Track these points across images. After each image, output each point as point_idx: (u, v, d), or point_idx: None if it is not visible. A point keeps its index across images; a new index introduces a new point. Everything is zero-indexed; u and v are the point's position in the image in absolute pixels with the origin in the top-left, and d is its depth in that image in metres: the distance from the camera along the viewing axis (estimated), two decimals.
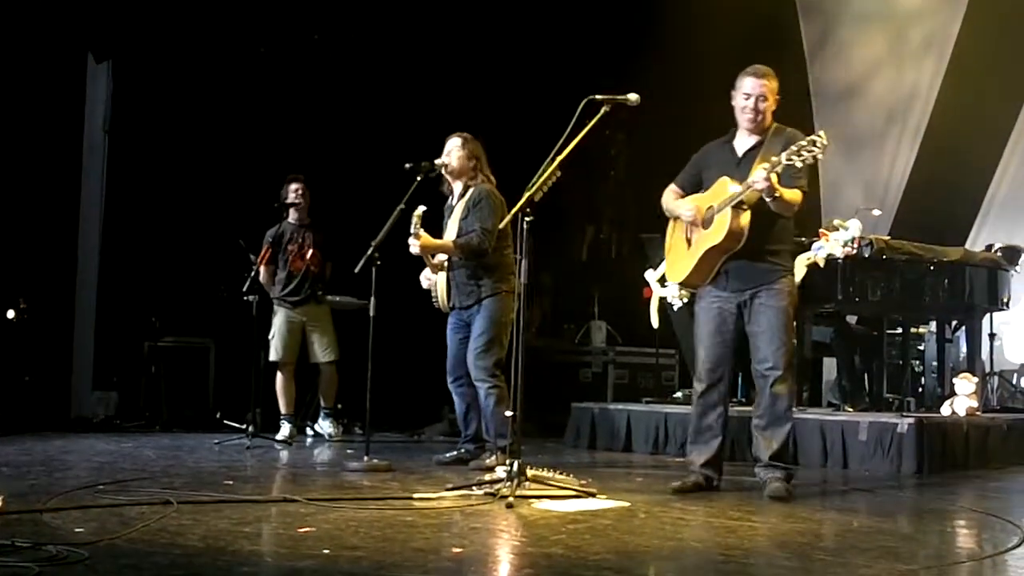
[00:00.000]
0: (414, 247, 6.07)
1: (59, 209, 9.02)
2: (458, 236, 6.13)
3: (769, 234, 4.98)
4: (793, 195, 4.87)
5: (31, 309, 8.48)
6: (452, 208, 6.31)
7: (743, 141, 5.10)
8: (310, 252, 7.91)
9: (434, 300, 6.33)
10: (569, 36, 10.31)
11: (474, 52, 9.99)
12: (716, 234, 4.93)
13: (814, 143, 4.65)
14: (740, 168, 4.98)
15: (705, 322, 5.14)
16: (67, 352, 9.06)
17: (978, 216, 10.02)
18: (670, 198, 5.28)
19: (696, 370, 5.22)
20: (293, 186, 7.96)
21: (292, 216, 7.96)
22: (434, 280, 6.28)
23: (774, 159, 4.73)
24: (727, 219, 4.87)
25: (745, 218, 4.87)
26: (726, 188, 4.92)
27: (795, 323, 5.12)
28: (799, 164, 4.69)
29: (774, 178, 4.71)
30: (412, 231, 5.98)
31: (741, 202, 4.84)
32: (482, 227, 6.05)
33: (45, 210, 8.80)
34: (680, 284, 5.21)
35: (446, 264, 6.24)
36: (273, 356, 7.86)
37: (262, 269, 7.69)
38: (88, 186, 9.32)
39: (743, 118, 5.06)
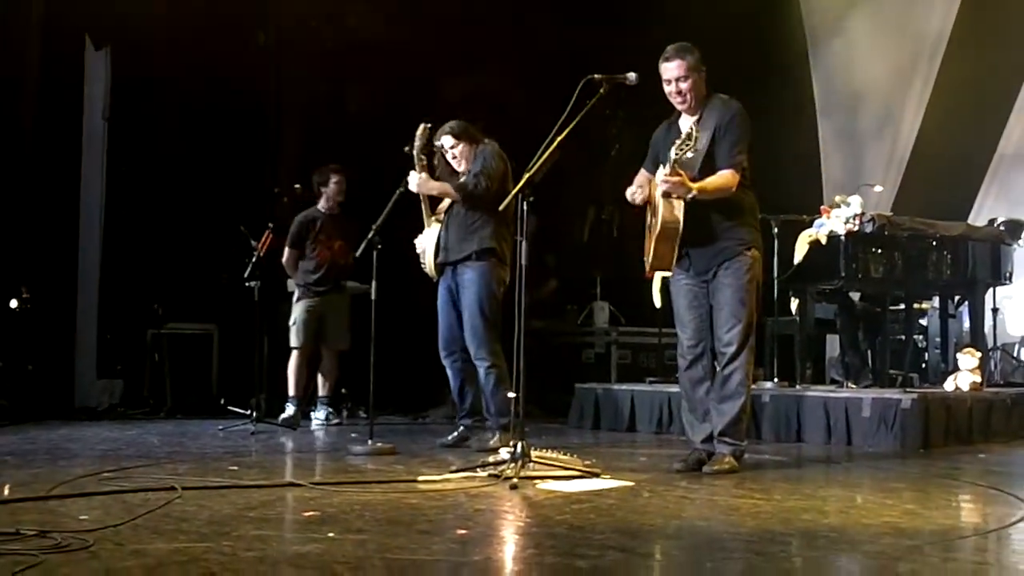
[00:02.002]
0: (413, 180, 6.05)
1: (60, 198, 9.01)
2: None
3: (716, 215, 4.97)
4: (719, 180, 4.85)
5: (33, 298, 8.48)
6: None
7: (686, 119, 5.10)
8: (337, 244, 7.92)
9: (422, 264, 6.30)
10: (568, 13, 10.28)
11: (472, 31, 9.95)
12: (656, 224, 4.94)
13: (689, 136, 4.71)
14: None
15: (679, 300, 5.18)
16: (70, 340, 9.07)
17: (980, 190, 10.00)
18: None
19: (678, 348, 5.23)
20: (335, 178, 7.97)
21: (324, 205, 7.98)
22: (424, 246, 6.25)
23: (669, 157, 4.75)
24: (660, 210, 4.88)
25: (678, 208, 4.85)
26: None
27: (756, 297, 5.06)
28: (685, 158, 4.71)
29: (676, 178, 4.70)
30: (414, 151, 5.95)
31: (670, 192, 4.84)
32: (481, 170, 6.03)
33: (46, 199, 8.80)
34: (650, 270, 5.20)
35: (443, 217, 6.20)
36: (293, 342, 7.90)
37: (286, 252, 7.74)
38: (88, 174, 9.29)
39: (674, 103, 5.08)
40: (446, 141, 6.19)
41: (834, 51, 10.92)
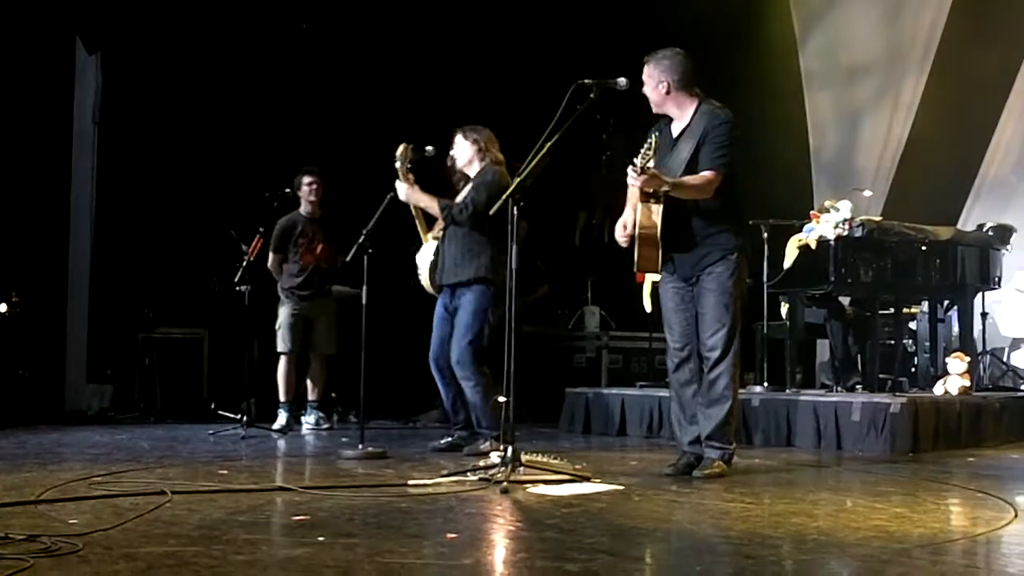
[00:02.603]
0: (401, 190, 6.06)
1: (50, 202, 9.00)
2: None
3: (698, 221, 4.97)
4: (697, 180, 4.87)
5: (24, 303, 8.47)
6: None
7: (677, 123, 5.12)
8: (320, 246, 7.90)
9: (420, 277, 6.31)
10: (560, 19, 10.29)
11: (464, 38, 9.96)
12: (636, 227, 4.95)
13: (650, 146, 4.77)
14: (674, 149, 5.02)
15: (666, 303, 5.20)
16: (60, 345, 9.06)
17: (969, 195, 10.03)
18: None
19: (667, 351, 5.25)
20: (307, 179, 7.95)
21: (304, 208, 7.96)
22: (421, 263, 6.27)
23: (635, 162, 4.77)
24: (639, 215, 4.90)
25: (655, 211, 4.87)
26: None
27: (740, 302, 5.04)
28: (647, 167, 4.74)
29: (646, 175, 4.71)
30: (398, 166, 5.96)
31: (649, 194, 4.84)
32: (471, 196, 6.04)
33: (36, 203, 8.79)
34: (637, 271, 5.20)
35: (440, 235, 6.22)
36: (280, 347, 7.88)
37: (271, 257, 7.71)
38: (78, 179, 9.29)
39: None
40: (456, 138, 6.21)
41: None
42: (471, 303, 6.06)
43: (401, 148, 6.05)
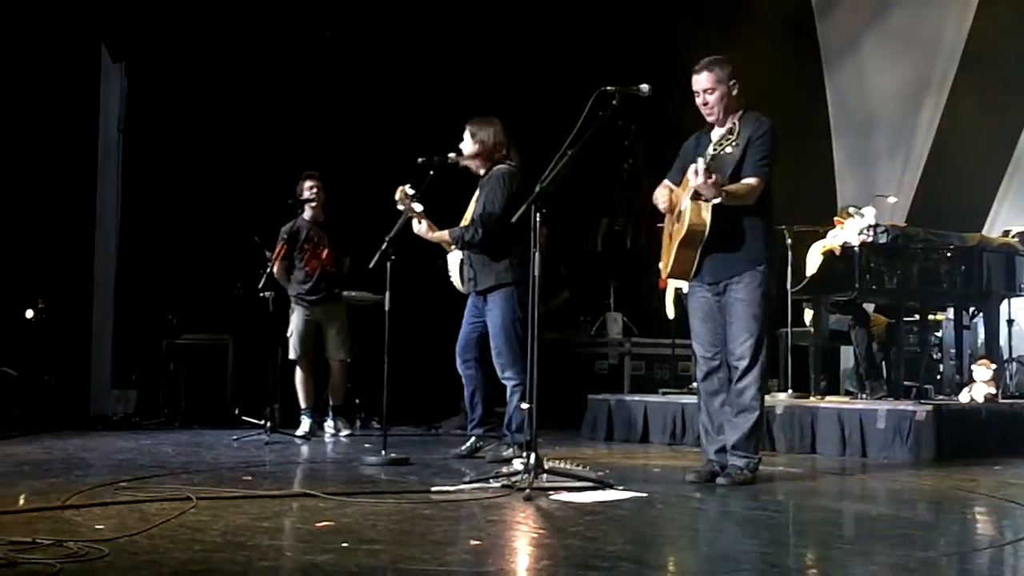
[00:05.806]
0: (417, 230, 6.12)
1: (75, 209, 9.07)
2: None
3: (736, 226, 4.97)
4: (743, 188, 4.86)
5: (49, 309, 8.54)
6: None
7: (718, 131, 5.09)
8: (325, 251, 7.92)
9: (451, 276, 6.36)
10: (582, 26, 10.31)
11: (486, 44, 9.99)
12: (681, 228, 4.96)
13: (731, 131, 4.81)
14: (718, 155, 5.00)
15: (696, 312, 5.19)
16: (86, 351, 9.11)
17: (995, 201, 9.96)
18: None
19: (696, 360, 5.24)
20: (308, 183, 7.96)
21: (307, 213, 7.96)
22: (452, 265, 6.32)
23: (707, 154, 4.77)
24: (688, 213, 4.90)
25: (705, 211, 4.88)
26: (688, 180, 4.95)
27: (768, 313, 5.05)
28: (724, 152, 4.76)
29: (709, 180, 4.68)
30: (401, 208, 5.98)
31: (699, 194, 4.84)
32: (479, 216, 6.06)
33: (61, 210, 8.86)
34: (668, 277, 5.19)
35: None
36: (292, 354, 7.90)
37: (276, 265, 7.70)
38: (104, 186, 9.36)
39: (704, 114, 5.10)
40: (466, 132, 6.23)
41: (846, 71, 10.89)
42: (501, 309, 6.06)
43: (399, 194, 6.05)
